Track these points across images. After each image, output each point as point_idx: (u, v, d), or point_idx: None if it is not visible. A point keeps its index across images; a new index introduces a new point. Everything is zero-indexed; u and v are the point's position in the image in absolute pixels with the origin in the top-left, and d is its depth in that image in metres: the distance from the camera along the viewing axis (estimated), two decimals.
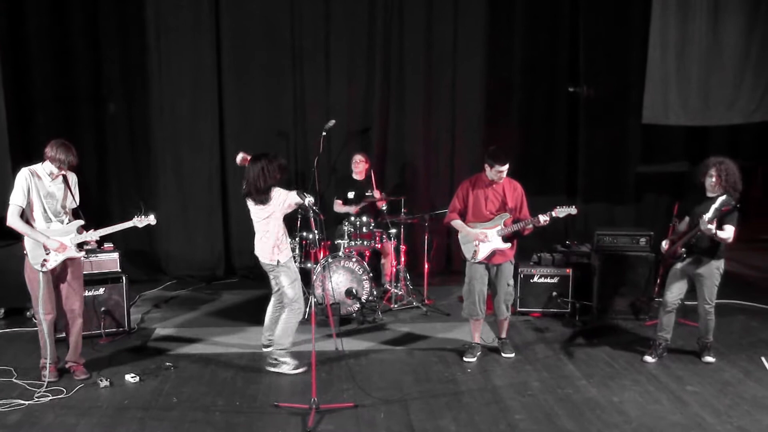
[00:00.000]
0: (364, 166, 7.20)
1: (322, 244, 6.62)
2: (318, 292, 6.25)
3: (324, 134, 7.16)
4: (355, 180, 7.21)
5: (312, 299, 5.93)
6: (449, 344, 5.85)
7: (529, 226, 5.26)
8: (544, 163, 8.45)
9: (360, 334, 6.11)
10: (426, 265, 7.12)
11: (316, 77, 7.99)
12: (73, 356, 5.12)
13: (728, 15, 7.65)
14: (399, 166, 8.21)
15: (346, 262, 6.41)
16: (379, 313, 6.56)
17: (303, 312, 5.22)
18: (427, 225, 6.90)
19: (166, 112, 7.93)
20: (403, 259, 7.00)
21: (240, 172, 5.18)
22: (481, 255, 5.33)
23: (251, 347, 5.66)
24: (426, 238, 6.97)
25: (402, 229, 7.01)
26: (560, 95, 8.41)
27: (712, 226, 5.01)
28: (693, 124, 7.98)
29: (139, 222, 5.11)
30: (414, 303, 6.87)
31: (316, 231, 5.24)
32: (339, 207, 7.14)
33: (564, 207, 5.21)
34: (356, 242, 6.62)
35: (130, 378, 5.02)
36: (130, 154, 7.99)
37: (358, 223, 6.64)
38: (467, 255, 5.42)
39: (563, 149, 8.53)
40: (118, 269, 6.10)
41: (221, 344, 5.86)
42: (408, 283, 7.06)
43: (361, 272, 6.42)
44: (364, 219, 6.68)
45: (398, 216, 6.94)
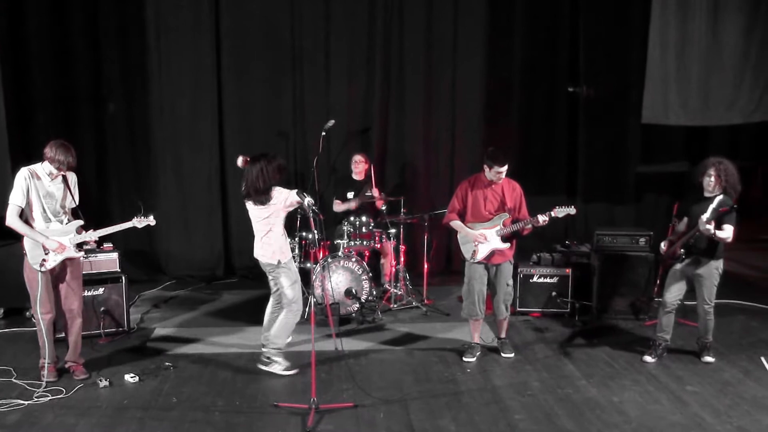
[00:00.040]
0: (364, 167, 7.20)
1: (322, 244, 6.62)
2: (317, 292, 6.25)
3: (323, 134, 7.16)
4: (355, 180, 7.20)
5: (311, 299, 5.93)
6: (449, 344, 5.85)
7: (528, 227, 5.26)
8: (544, 163, 8.45)
9: (359, 334, 6.11)
10: (425, 265, 7.12)
11: (316, 77, 7.99)
12: (73, 356, 5.12)
13: (728, 15, 7.65)
14: (399, 166, 8.21)
15: (346, 262, 6.41)
16: (379, 313, 6.56)
17: (301, 313, 5.21)
18: (427, 225, 6.90)
19: (166, 112, 7.93)
20: (403, 259, 7.00)
21: (240, 172, 5.18)
22: (480, 255, 5.33)
23: (251, 347, 5.66)
24: (425, 238, 6.97)
25: (401, 229, 7.01)
26: (560, 95, 8.41)
27: (711, 227, 5.01)
28: (693, 124, 7.97)
29: (139, 222, 5.10)
30: (413, 303, 6.87)
31: (316, 231, 5.23)
32: (338, 206, 7.14)
33: (563, 207, 5.20)
34: (356, 242, 6.62)
35: (130, 378, 5.02)
36: (130, 154, 7.99)
37: (358, 223, 6.64)
38: (466, 255, 5.42)
39: (563, 149, 8.52)
40: (118, 269, 6.11)
41: (221, 344, 5.85)
42: (407, 283, 7.06)
43: (361, 272, 6.42)
44: (364, 219, 6.68)
45: (398, 216, 6.94)
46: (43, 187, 4.80)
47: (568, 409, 4.60)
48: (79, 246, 4.99)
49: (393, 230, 6.89)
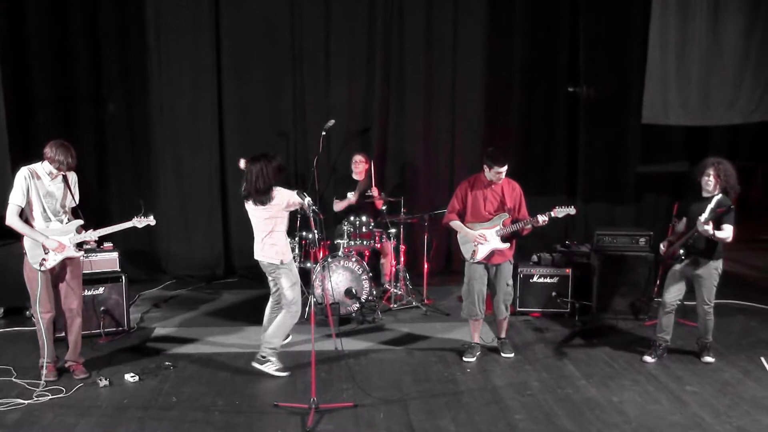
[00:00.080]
0: (364, 167, 7.20)
1: (322, 244, 6.62)
2: (318, 292, 6.25)
3: (324, 134, 7.16)
4: (355, 180, 7.20)
5: (311, 299, 5.92)
6: (449, 344, 5.85)
7: (528, 227, 5.26)
8: (544, 163, 8.45)
9: (359, 334, 6.11)
10: (425, 265, 7.12)
11: (316, 77, 7.99)
12: (73, 355, 5.12)
13: (728, 15, 7.65)
14: (399, 166, 8.21)
15: (346, 262, 6.41)
16: (379, 313, 6.56)
17: (301, 313, 5.20)
18: (427, 225, 6.90)
19: (166, 112, 7.93)
20: (403, 259, 7.00)
21: (240, 172, 5.18)
22: (480, 255, 5.33)
23: (251, 347, 5.65)
24: (425, 238, 6.96)
25: (401, 229, 7.01)
26: (560, 95, 8.41)
27: (709, 227, 5.01)
28: (693, 124, 7.97)
29: (139, 222, 5.11)
30: (413, 303, 6.87)
31: (316, 231, 5.23)
32: (338, 205, 7.13)
33: (563, 207, 5.20)
34: (356, 242, 6.62)
35: (130, 377, 5.02)
36: (130, 154, 8.00)
37: (358, 223, 6.64)
38: (466, 255, 5.42)
39: (563, 149, 8.52)
40: (118, 269, 6.11)
41: (221, 344, 5.86)
42: (407, 283, 7.06)
43: (361, 272, 6.42)
44: (364, 219, 6.68)
45: (398, 216, 6.94)
46: (43, 187, 4.80)
47: (568, 409, 4.60)
48: (79, 245, 4.99)
49: (393, 230, 6.89)
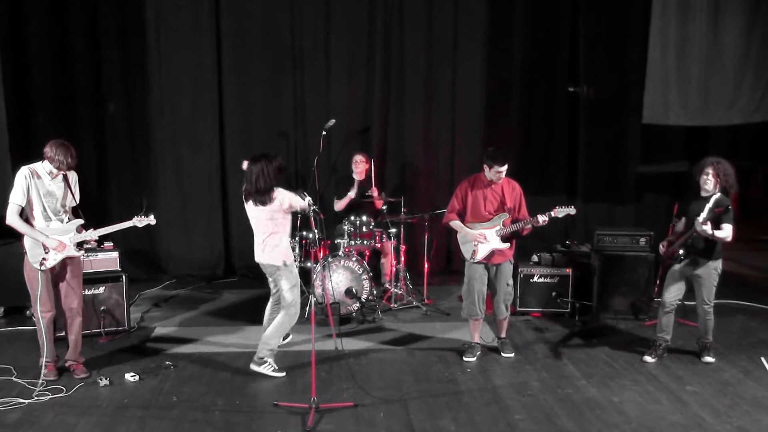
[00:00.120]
0: (365, 167, 7.19)
1: (322, 244, 6.62)
2: (318, 292, 6.25)
3: (324, 134, 7.16)
4: (356, 180, 7.19)
5: (312, 298, 5.93)
6: (449, 344, 5.85)
7: (528, 227, 5.26)
8: (544, 163, 8.46)
9: (360, 334, 6.11)
10: (426, 265, 7.12)
11: (316, 77, 8.00)
12: (73, 355, 5.12)
13: (728, 15, 7.65)
14: (399, 166, 8.21)
15: (346, 262, 6.41)
16: (379, 313, 6.56)
17: (298, 317, 5.16)
18: (427, 225, 6.90)
19: (166, 112, 7.93)
20: (403, 259, 7.00)
21: (241, 172, 5.17)
22: (480, 255, 5.33)
23: (251, 347, 5.63)
24: (426, 238, 6.97)
25: (402, 229, 7.01)
26: (560, 95, 8.42)
27: (707, 227, 5.01)
28: (693, 124, 7.98)
29: (139, 222, 5.10)
30: (414, 303, 6.87)
31: (316, 230, 5.23)
32: (339, 205, 7.13)
33: (563, 207, 5.20)
34: (356, 242, 6.62)
35: (130, 377, 5.02)
36: (130, 154, 8.00)
37: (358, 223, 6.65)
38: (466, 255, 5.42)
39: (563, 149, 8.53)
40: (118, 268, 6.11)
41: (221, 343, 5.85)
42: (408, 283, 7.06)
43: (361, 272, 6.42)
44: (364, 218, 6.68)
45: (398, 215, 6.94)
46: (44, 186, 4.80)
47: (568, 409, 4.60)
48: (80, 245, 4.99)
49: (393, 230, 6.89)
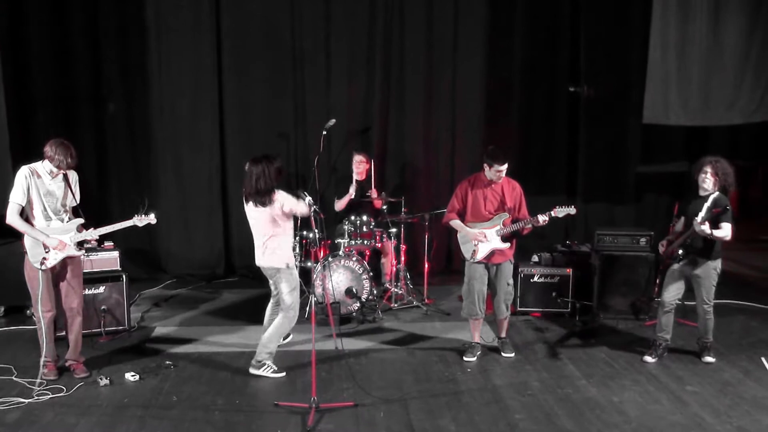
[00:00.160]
0: (365, 167, 7.19)
1: (322, 243, 6.61)
2: (318, 291, 6.25)
3: (324, 133, 7.17)
4: (356, 180, 7.19)
5: (312, 298, 5.93)
6: (449, 344, 5.85)
7: (528, 226, 5.26)
8: (544, 163, 8.46)
9: (360, 334, 6.11)
10: (426, 265, 7.12)
11: (317, 77, 8.00)
12: (73, 354, 5.12)
13: (729, 16, 7.66)
14: (399, 166, 8.21)
15: (346, 262, 6.41)
16: (379, 313, 6.56)
17: (296, 319, 5.14)
18: (428, 224, 6.90)
19: (166, 112, 7.94)
20: (403, 259, 7.00)
21: (241, 172, 5.16)
22: (480, 255, 5.33)
23: (251, 346, 5.63)
24: (426, 238, 6.97)
25: (402, 229, 7.02)
26: (560, 95, 8.42)
27: (706, 227, 5.01)
28: (693, 124, 7.98)
29: (140, 221, 5.09)
30: (414, 302, 6.87)
31: (317, 230, 5.23)
32: (339, 204, 7.13)
33: (563, 207, 5.20)
34: (356, 241, 6.62)
35: (130, 376, 5.02)
36: (130, 154, 8.01)
37: (359, 223, 6.65)
38: (466, 255, 5.42)
39: (563, 149, 8.53)
40: (119, 268, 6.11)
41: (221, 343, 5.85)
42: (408, 283, 7.06)
43: (361, 271, 6.42)
44: (365, 218, 6.68)
45: (398, 215, 6.94)
46: (44, 186, 4.80)
47: (568, 409, 4.60)
48: (80, 244, 4.99)
49: (393, 229, 6.89)
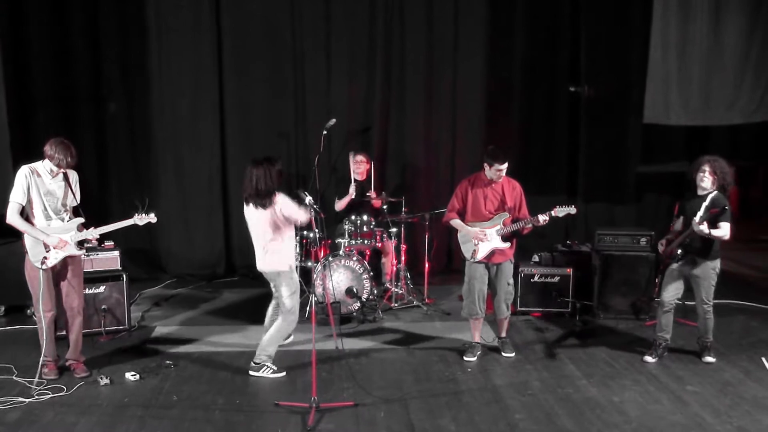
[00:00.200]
0: (366, 167, 7.19)
1: (323, 243, 6.61)
2: (318, 291, 6.25)
3: (325, 133, 7.16)
4: (357, 180, 7.19)
5: (312, 298, 5.93)
6: (449, 343, 5.84)
7: (528, 226, 5.25)
8: (545, 163, 8.46)
9: (360, 334, 6.11)
10: (426, 265, 7.12)
11: (317, 78, 8.00)
12: (74, 354, 5.12)
13: (729, 16, 7.66)
14: (400, 167, 8.21)
15: (347, 261, 6.41)
16: (380, 312, 6.56)
17: (296, 323, 5.14)
18: (428, 224, 6.90)
19: (167, 112, 7.94)
20: (404, 258, 7.00)
21: (241, 172, 5.16)
22: (481, 254, 5.33)
23: (251, 346, 5.62)
24: (426, 238, 6.97)
25: (402, 229, 7.01)
26: (561, 95, 8.42)
27: (704, 227, 5.01)
28: (693, 124, 7.98)
29: (140, 220, 5.09)
30: (414, 302, 6.87)
31: (317, 229, 5.22)
32: (339, 204, 7.13)
33: (564, 207, 5.20)
34: (356, 241, 6.62)
35: (131, 376, 5.02)
36: (130, 154, 8.01)
37: (359, 222, 6.64)
38: (466, 254, 5.42)
39: (563, 149, 8.53)
40: (119, 267, 6.12)
41: (221, 343, 5.85)
42: (408, 283, 7.06)
43: (362, 271, 6.42)
44: (365, 218, 6.68)
45: (399, 215, 6.94)
46: (44, 185, 4.81)
47: (569, 409, 4.60)
48: (80, 244, 5.00)
49: (394, 229, 6.89)
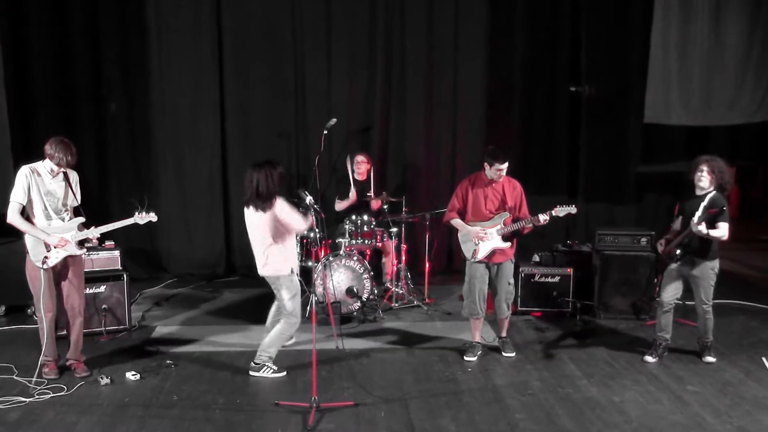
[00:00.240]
0: (366, 167, 7.19)
1: (323, 243, 6.61)
2: (319, 291, 6.26)
3: (325, 133, 7.16)
4: (357, 180, 7.19)
5: (313, 298, 5.93)
6: (450, 343, 5.85)
7: (529, 225, 5.26)
8: (545, 163, 8.46)
9: (360, 333, 6.11)
10: (427, 264, 7.12)
11: (317, 78, 8.00)
12: (74, 354, 5.12)
13: (730, 16, 7.67)
14: (400, 167, 8.21)
15: (347, 261, 6.41)
16: (380, 312, 6.56)
17: (298, 325, 5.14)
18: (428, 224, 6.90)
19: (167, 112, 7.94)
20: (404, 258, 7.00)
21: (242, 172, 5.17)
22: (481, 254, 5.33)
23: (252, 346, 5.63)
24: (427, 237, 6.97)
25: (403, 228, 7.02)
26: (561, 95, 8.42)
27: (702, 227, 5.01)
28: (694, 124, 7.98)
29: (140, 219, 5.09)
30: (415, 302, 6.88)
31: (317, 229, 5.22)
32: (340, 205, 7.13)
33: (564, 206, 5.20)
34: (357, 241, 6.62)
35: (131, 376, 5.02)
36: (131, 154, 8.01)
37: (359, 222, 6.65)
38: (467, 254, 5.42)
39: (564, 149, 8.53)
40: (119, 267, 6.12)
41: (222, 342, 5.86)
42: (409, 282, 7.06)
43: (362, 271, 6.42)
44: (365, 218, 6.68)
45: (399, 215, 6.94)
46: (44, 185, 4.81)
47: (569, 409, 4.60)
48: (81, 243, 5.00)
49: (394, 229, 6.89)
